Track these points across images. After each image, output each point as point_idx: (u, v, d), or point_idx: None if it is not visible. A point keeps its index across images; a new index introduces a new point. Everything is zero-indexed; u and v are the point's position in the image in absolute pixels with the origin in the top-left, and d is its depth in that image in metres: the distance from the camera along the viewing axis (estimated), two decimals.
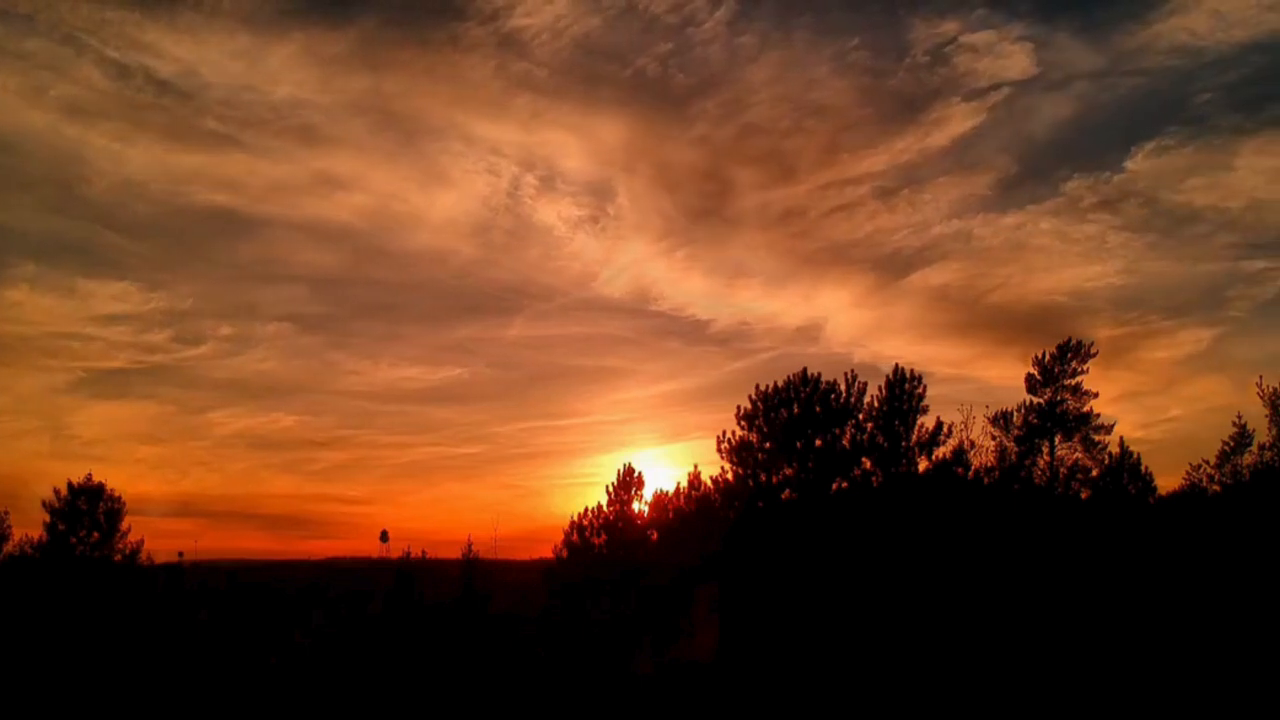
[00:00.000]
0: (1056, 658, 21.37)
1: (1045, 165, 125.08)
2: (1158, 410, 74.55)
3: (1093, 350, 27.87)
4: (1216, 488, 25.57)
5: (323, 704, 26.08)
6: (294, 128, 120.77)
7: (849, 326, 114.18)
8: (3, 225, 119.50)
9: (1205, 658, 20.06)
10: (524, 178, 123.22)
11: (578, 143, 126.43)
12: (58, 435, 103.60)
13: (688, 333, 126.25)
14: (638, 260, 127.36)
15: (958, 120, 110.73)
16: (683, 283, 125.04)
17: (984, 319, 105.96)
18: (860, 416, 28.21)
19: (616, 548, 32.11)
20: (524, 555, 43.48)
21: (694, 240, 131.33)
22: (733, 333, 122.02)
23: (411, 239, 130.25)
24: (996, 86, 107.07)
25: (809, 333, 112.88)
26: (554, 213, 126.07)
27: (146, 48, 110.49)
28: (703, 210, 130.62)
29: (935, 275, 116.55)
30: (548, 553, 33.37)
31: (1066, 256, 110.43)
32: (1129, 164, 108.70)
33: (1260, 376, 25.21)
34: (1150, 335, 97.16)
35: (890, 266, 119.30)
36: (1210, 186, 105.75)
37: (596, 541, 32.39)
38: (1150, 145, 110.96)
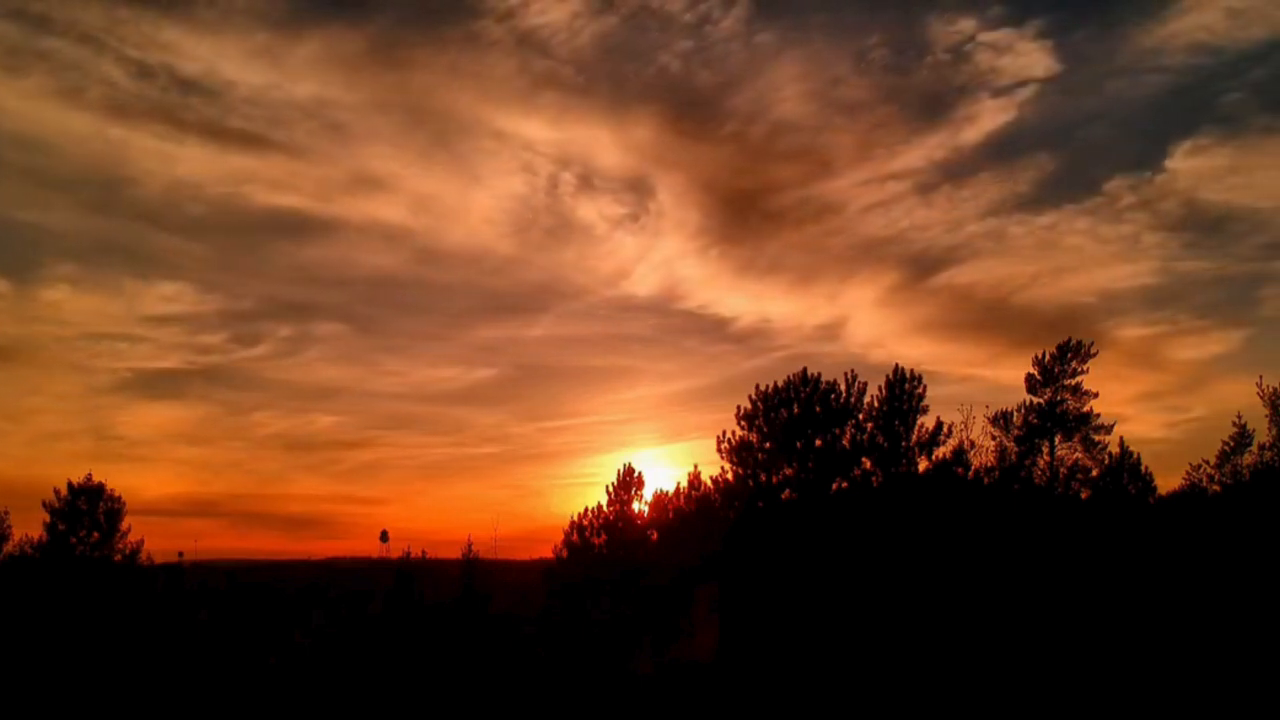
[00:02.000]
0: (1057, 657, 21.36)
1: (1085, 163, 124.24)
2: (1181, 410, 74.56)
3: (1093, 350, 27.86)
4: (1216, 488, 25.54)
5: (323, 704, 26.08)
6: (325, 127, 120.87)
7: (869, 326, 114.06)
8: (41, 226, 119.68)
9: (1205, 657, 20.06)
10: (561, 175, 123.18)
11: (611, 139, 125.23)
12: (100, 436, 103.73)
13: (708, 331, 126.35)
14: (670, 258, 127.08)
15: (988, 116, 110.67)
16: (712, 280, 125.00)
17: (1007, 319, 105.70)
18: (860, 416, 28.20)
19: (616, 548, 32.09)
20: (524, 555, 43.51)
21: (728, 238, 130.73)
22: (752, 331, 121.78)
23: (453, 238, 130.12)
24: (1022, 83, 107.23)
25: (829, 331, 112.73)
26: (595, 210, 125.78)
27: (166, 47, 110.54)
28: (737, 207, 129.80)
29: (964, 274, 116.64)
30: (548, 553, 33.37)
31: (1099, 256, 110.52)
32: (1169, 163, 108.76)
33: (1260, 376, 25.21)
34: (1179, 335, 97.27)
35: (919, 265, 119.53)
36: (1244, 186, 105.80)
37: (596, 541, 32.37)
38: (1187, 144, 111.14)
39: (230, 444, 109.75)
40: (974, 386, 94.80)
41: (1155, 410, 73.31)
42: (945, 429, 27.62)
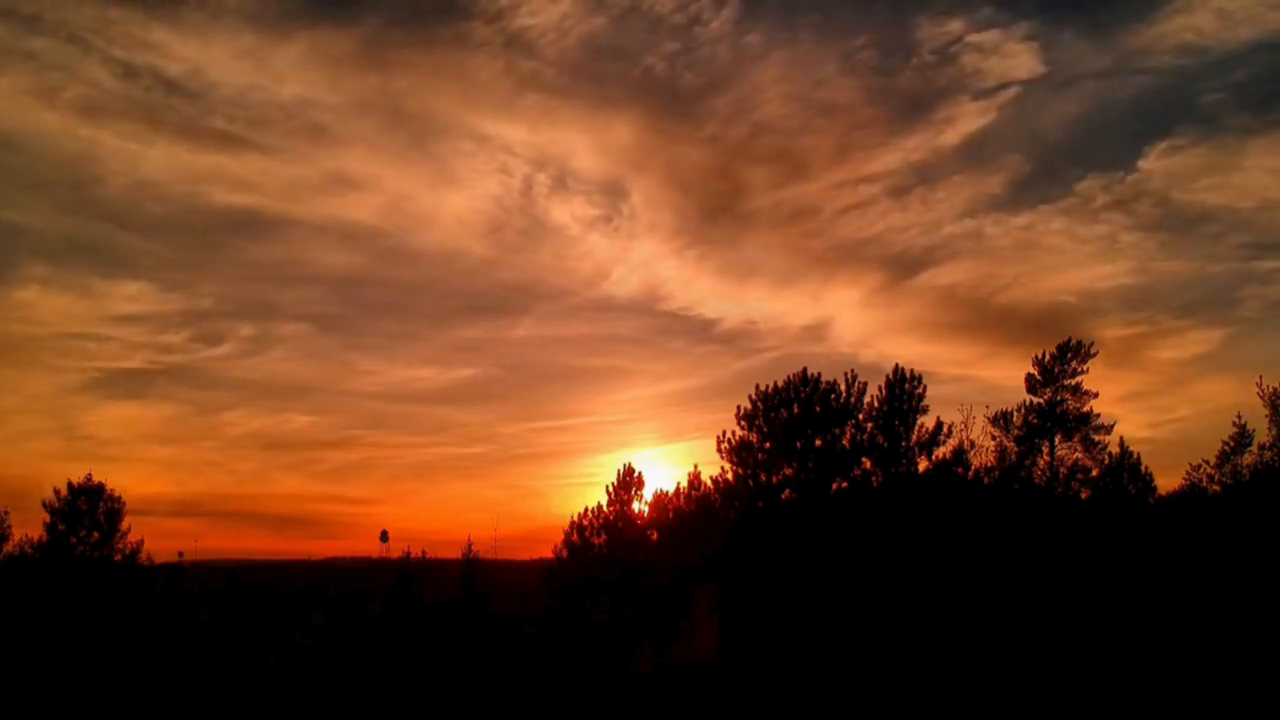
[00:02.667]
0: (1057, 657, 21.36)
1: (1058, 164, 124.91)
2: (1165, 410, 74.62)
3: (1093, 350, 27.87)
4: (1216, 488, 25.54)
5: (323, 704, 26.07)
6: (304, 127, 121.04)
7: (856, 326, 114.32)
8: (13, 225, 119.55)
9: (1205, 657, 20.06)
10: (536, 177, 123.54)
11: (588, 142, 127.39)
12: (71, 436, 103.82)
13: (694, 332, 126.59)
14: (649, 260, 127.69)
15: (968, 119, 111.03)
16: (693, 282, 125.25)
17: (991, 319, 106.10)
18: (860, 416, 28.20)
19: (616, 548, 32.09)
20: (524, 555, 43.51)
21: (706, 239, 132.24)
22: (739, 332, 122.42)
23: (426, 238, 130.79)
24: (1005, 86, 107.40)
25: (816, 332, 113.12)
26: (567, 212, 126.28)
27: (153, 47, 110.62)
28: (715, 209, 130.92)
29: (944, 275, 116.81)
30: (548, 553, 33.37)
31: (1077, 256, 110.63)
32: (1142, 164, 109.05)
33: (1260, 376, 25.19)
34: (1159, 335, 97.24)
35: (899, 266, 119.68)
36: (1221, 186, 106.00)
37: (596, 541, 32.37)
38: (1162, 145, 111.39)
39: (203, 444, 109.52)
40: (967, 386, 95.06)
41: (1140, 410, 73.45)
42: (945, 429, 27.65)
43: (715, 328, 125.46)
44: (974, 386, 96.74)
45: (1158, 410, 73.31)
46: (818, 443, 27.98)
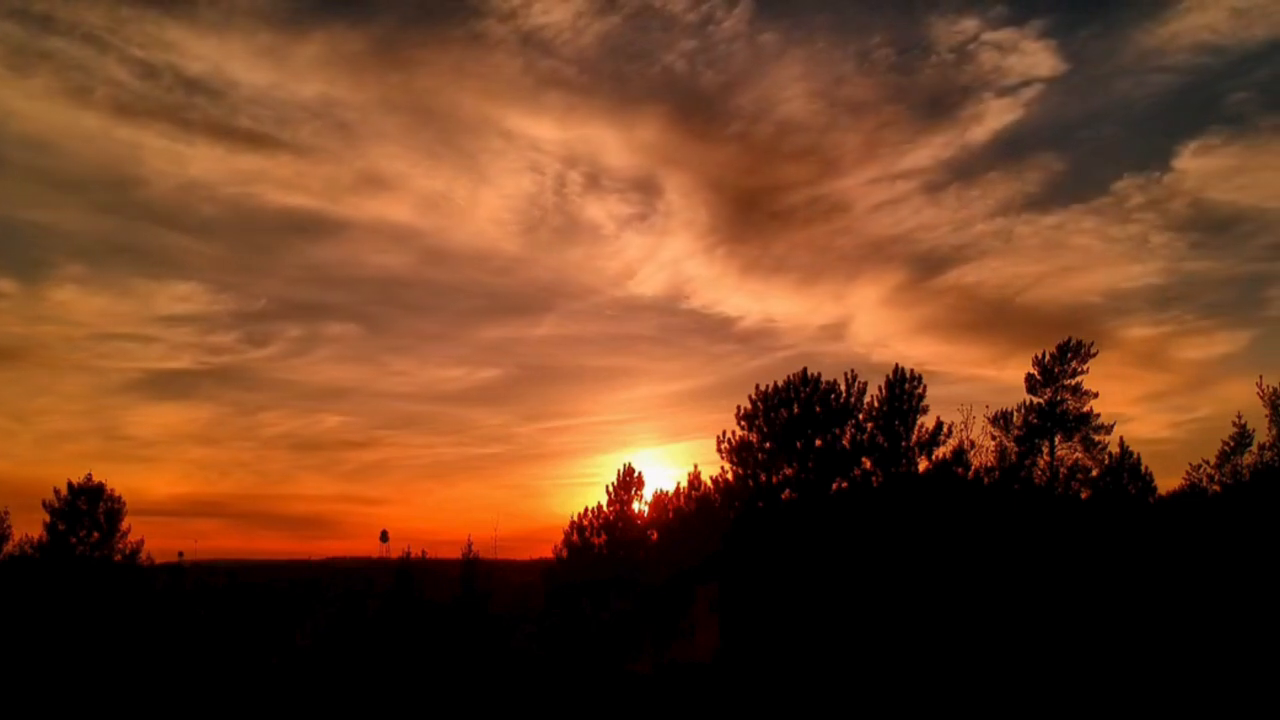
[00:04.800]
0: (1057, 657, 21.35)
1: (1092, 163, 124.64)
2: (1186, 410, 74.29)
3: (1093, 350, 27.84)
4: (1216, 488, 25.52)
5: (323, 704, 26.07)
6: (331, 126, 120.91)
7: (874, 325, 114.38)
8: (48, 226, 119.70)
9: (1205, 657, 20.05)
10: (569, 174, 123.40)
11: (617, 138, 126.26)
12: (110, 436, 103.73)
13: (713, 330, 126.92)
14: (678, 257, 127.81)
15: (994, 116, 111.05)
16: (718, 280, 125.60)
17: (1013, 318, 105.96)
18: (860, 416, 28.18)
19: (616, 548, 32.13)
20: (524, 555, 43.64)
21: (735, 237, 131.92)
22: (758, 331, 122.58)
23: (459, 237, 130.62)
24: (1027, 83, 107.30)
25: (834, 331, 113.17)
26: (603, 210, 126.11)
27: (170, 46, 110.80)
28: (747, 206, 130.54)
29: (970, 274, 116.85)
30: (548, 553, 33.45)
31: (1106, 256, 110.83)
32: (1176, 163, 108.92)
33: (1260, 376, 25.17)
34: (1186, 335, 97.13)
35: (926, 264, 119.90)
36: (1252, 186, 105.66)
37: (596, 541, 32.41)
38: (1195, 144, 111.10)
39: (238, 444, 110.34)
40: (978, 386, 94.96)
41: (1161, 410, 73.27)
42: (945, 429, 27.63)
43: (734, 326, 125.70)
44: (987, 386, 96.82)
45: (1179, 410, 73.24)
46: (818, 443, 27.97)
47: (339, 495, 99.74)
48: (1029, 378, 28.23)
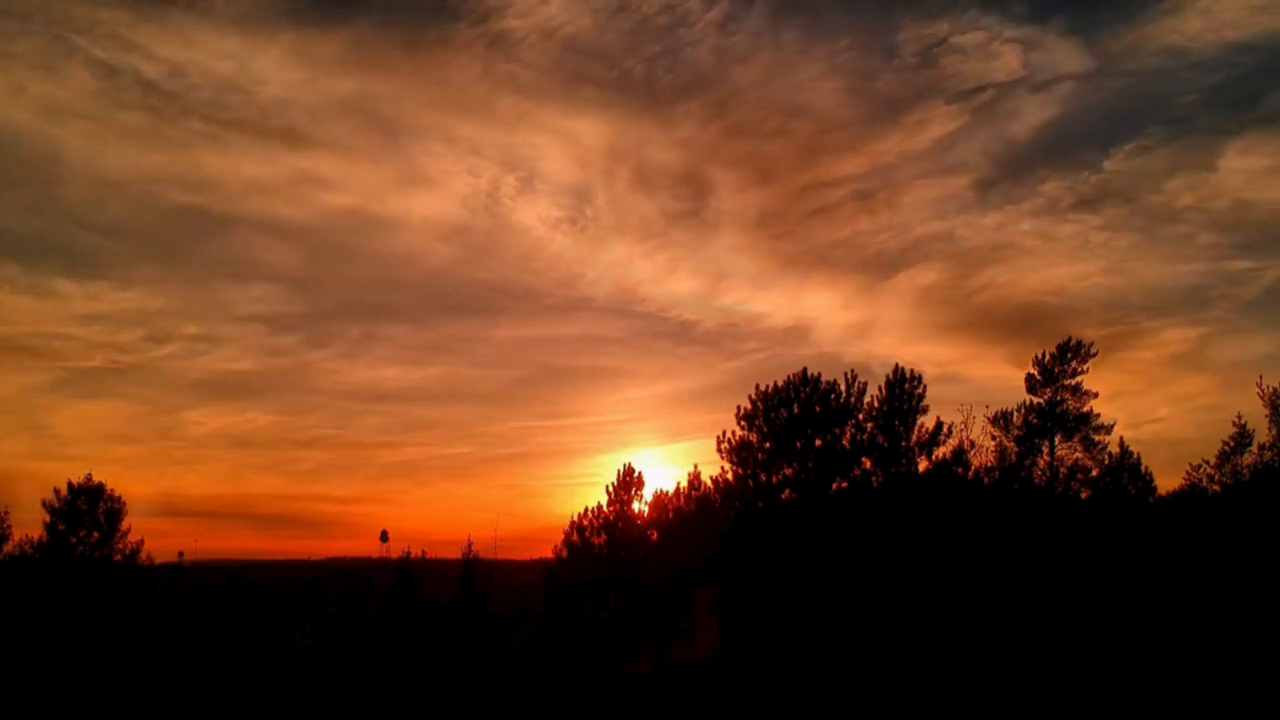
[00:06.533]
0: (1056, 657, 21.36)
1: (1023, 166, 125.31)
2: (1145, 410, 74.08)
3: (1093, 350, 27.90)
4: (1216, 488, 25.53)
5: (323, 704, 26.07)
6: (277, 128, 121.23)
7: (838, 327, 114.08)
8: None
9: (1205, 657, 20.05)
10: (504, 179, 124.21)
11: (559, 145, 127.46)
12: (38, 435, 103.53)
13: (676, 333, 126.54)
14: (619, 261, 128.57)
15: (939, 123, 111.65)
16: (667, 284, 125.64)
17: (972, 319, 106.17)
18: (860, 416, 28.19)
19: (616, 548, 32.12)
20: (524, 555, 43.54)
21: (676, 242, 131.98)
22: (721, 333, 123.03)
23: (390, 239, 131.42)
24: (982, 88, 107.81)
25: (798, 333, 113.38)
26: (533, 213, 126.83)
27: (137, 48, 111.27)
28: (684, 212, 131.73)
29: (921, 275, 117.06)
30: (548, 553, 33.43)
31: (1050, 257, 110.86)
32: (1107, 164, 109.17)
33: (1260, 376, 25.18)
34: (1136, 335, 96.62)
35: (875, 268, 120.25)
36: (1193, 186, 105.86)
37: (596, 541, 32.40)
38: (1129, 146, 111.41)
39: (167, 443, 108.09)
40: (951, 387, 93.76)
41: (1120, 411, 72.22)
42: (945, 429, 27.64)
43: (695, 329, 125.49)
44: (959, 387, 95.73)
45: (1138, 410, 73.05)
46: (818, 443, 27.98)
47: (306, 494, 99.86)
48: (1029, 378, 28.27)
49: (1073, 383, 27.73)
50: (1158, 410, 68.56)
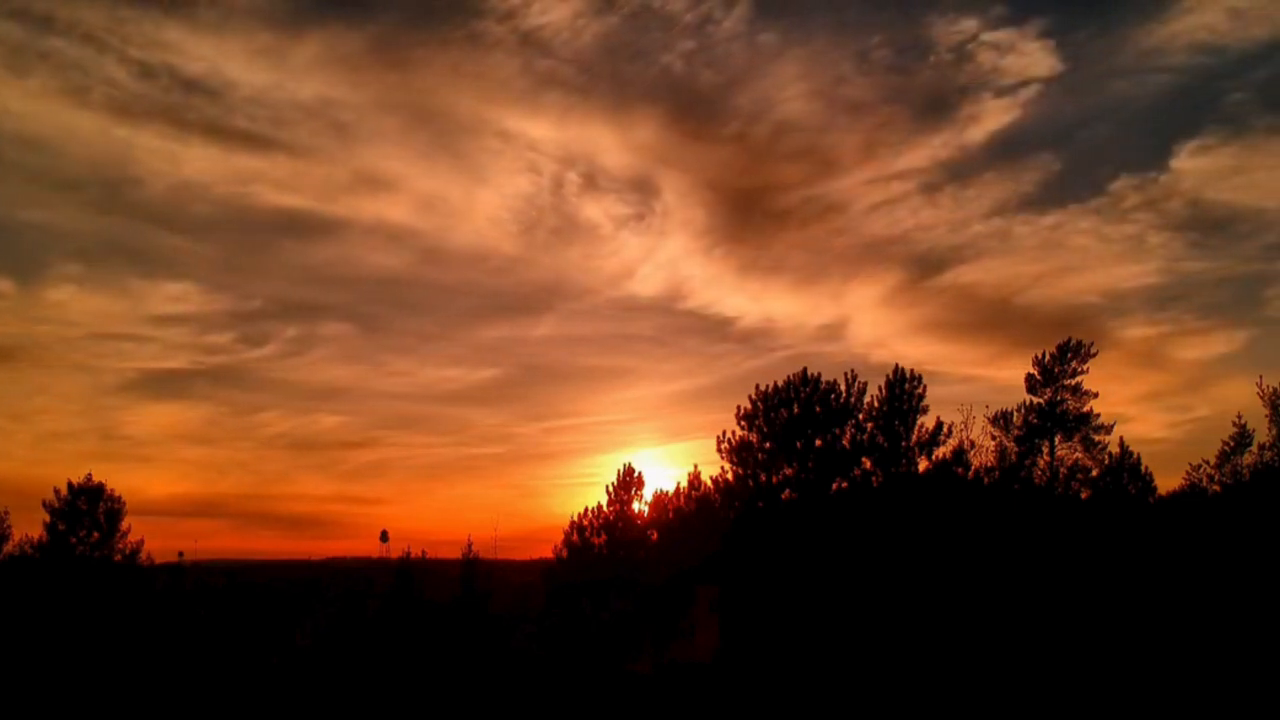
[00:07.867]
0: (1056, 657, 21.36)
1: (1088, 163, 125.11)
2: (1184, 409, 74.11)
3: (1093, 350, 27.83)
4: (1216, 488, 25.51)
5: (323, 704, 26.07)
6: (329, 127, 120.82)
7: (872, 325, 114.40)
8: (45, 226, 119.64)
9: (1205, 657, 20.05)
10: (566, 175, 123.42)
11: (614, 138, 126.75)
12: (106, 436, 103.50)
13: (711, 330, 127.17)
14: (675, 258, 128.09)
15: (992, 116, 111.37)
16: (716, 280, 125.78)
17: (1010, 319, 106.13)
18: (860, 416, 28.18)
19: (616, 548, 32.12)
20: (524, 555, 43.60)
21: (733, 237, 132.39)
22: (756, 331, 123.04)
23: (458, 238, 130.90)
24: (1025, 83, 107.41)
25: (832, 331, 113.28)
26: (600, 210, 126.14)
27: (168, 46, 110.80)
28: (744, 206, 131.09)
29: (967, 274, 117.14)
30: (548, 553, 33.43)
31: (1103, 256, 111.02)
32: (1174, 163, 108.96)
33: (1260, 376, 25.16)
34: (1183, 335, 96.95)
35: (923, 264, 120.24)
36: (1249, 186, 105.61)
37: (596, 541, 32.40)
38: (1192, 144, 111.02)
39: (236, 444, 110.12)
40: (976, 386, 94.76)
41: (1158, 410, 73.20)
42: (945, 429, 27.63)
43: (732, 326, 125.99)
44: (985, 386, 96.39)
45: (1177, 410, 73.15)
46: (818, 443, 27.97)
47: (337, 495, 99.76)
48: (1029, 378, 28.23)
49: (1073, 383, 27.70)
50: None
